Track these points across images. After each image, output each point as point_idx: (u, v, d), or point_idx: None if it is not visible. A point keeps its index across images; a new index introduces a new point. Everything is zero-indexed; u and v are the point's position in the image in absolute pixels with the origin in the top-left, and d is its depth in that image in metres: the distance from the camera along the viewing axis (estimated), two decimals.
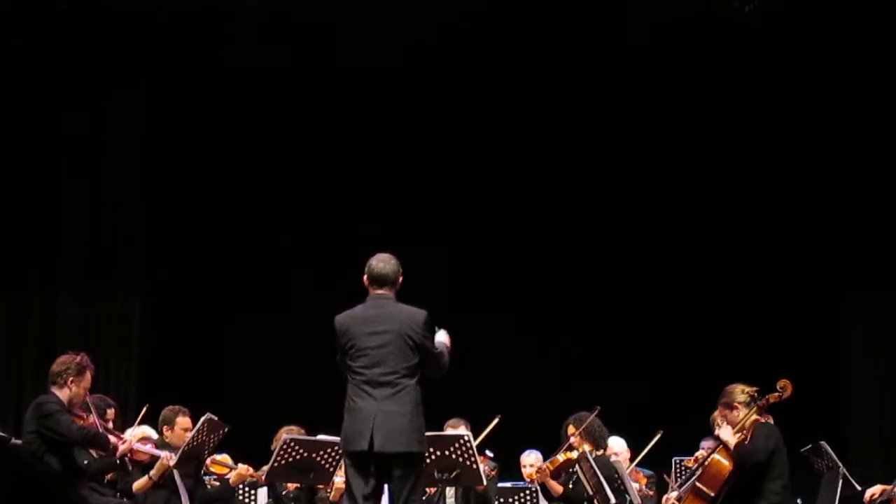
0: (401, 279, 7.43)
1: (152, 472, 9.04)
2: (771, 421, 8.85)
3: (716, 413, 9.22)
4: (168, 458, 9.01)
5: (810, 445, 10.00)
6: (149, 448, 9.07)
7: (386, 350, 7.20)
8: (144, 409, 9.82)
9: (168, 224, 12.94)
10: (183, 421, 9.43)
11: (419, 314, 7.31)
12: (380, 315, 7.29)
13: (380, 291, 7.39)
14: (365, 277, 7.41)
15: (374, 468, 7.18)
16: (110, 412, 9.20)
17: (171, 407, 9.56)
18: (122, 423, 9.63)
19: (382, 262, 7.39)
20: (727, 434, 8.59)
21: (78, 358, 8.36)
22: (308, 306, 12.06)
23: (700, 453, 9.22)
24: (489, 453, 9.99)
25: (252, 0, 12.09)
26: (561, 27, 12.59)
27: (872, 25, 12.30)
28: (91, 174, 12.65)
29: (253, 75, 12.74)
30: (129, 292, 12.63)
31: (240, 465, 9.66)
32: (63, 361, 8.35)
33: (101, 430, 8.46)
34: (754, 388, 8.69)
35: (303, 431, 9.67)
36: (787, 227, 12.91)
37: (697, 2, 12.00)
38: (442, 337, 7.52)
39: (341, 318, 7.36)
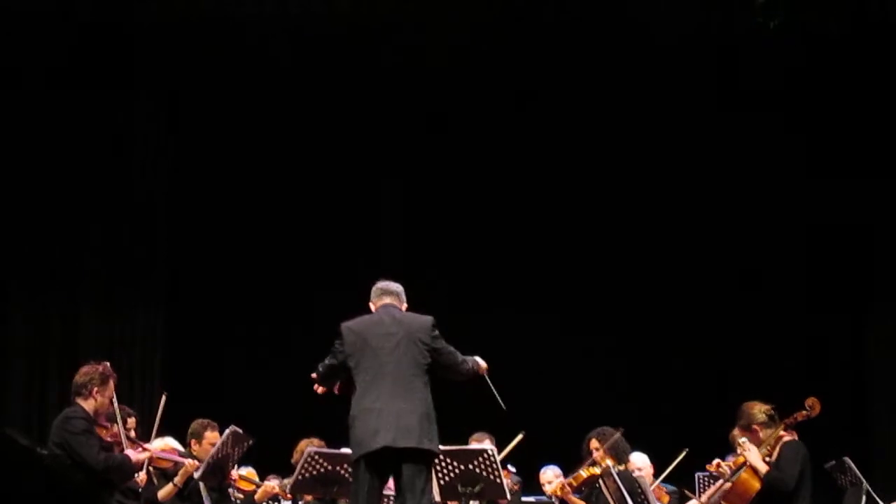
0: (405, 305, 7.55)
1: (176, 479, 9.07)
2: (795, 437, 8.79)
3: (735, 431, 9.17)
4: (191, 464, 9.03)
5: (834, 461, 9.96)
6: (172, 455, 9.09)
7: (398, 351, 7.31)
8: (163, 398, 9.59)
9: (190, 238, 12.97)
10: (211, 435, 9.44)
11: (427, 318, 7.48)
12: (390, 319, 7.44)
13: (387, 300, 7.51)
14: (371, 303, 7.62)
15: (382, 471, 7.20)
16: (131, 421, 9.19)
17: (199, 420, 9.57)
18: (144, 432, 9.62)
19: (387, 282, 7.66)
20: (756, 459, 8.49)
21: (101, 368, 8.34)
22: (330, 320, 12.07)
23: (720, 463, 9.11)
24: (511, 468, 9.98)
25: (273, 10, 12.10)
26: (584, 41, 12.61)
27: None
28: (113, 188, 12.68)
29: (278, 93, 12.82)
30: (151, 306, 12.65)
31: (266, 481, 9.66)
32: (86, 372, 8.33)
33: (123, 445, 8.42)
34: (770, 407, 8.55)
35: (323, 444, 9.67)
36: (807, 247, 12.90)
37: (721, 18, 11.98)
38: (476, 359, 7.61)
39: (350, 322, 7.51)
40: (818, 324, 12.81)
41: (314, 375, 7.66)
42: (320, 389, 7.68)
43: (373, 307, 7.64)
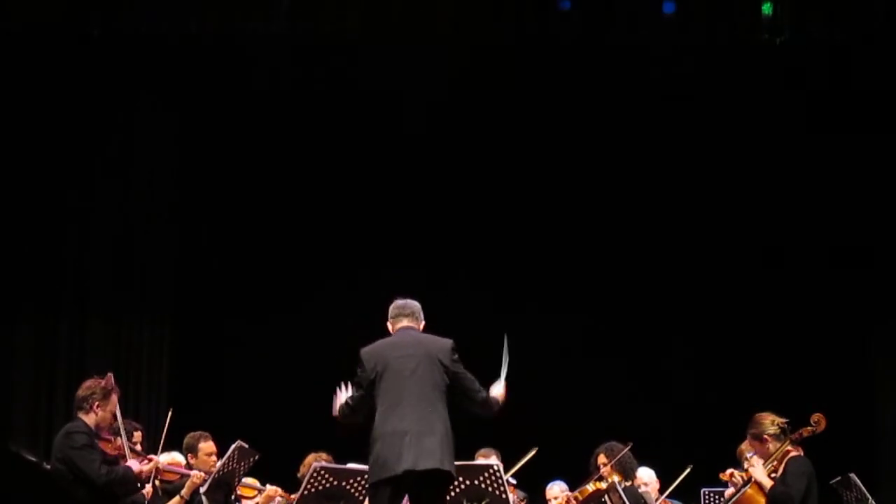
0: (422, 323, 7.53)
1: (183, 491, 9.07)
2: (801, 453, 8.79)
3: (743, 445, 9.16)
4: (198, 476, 9.03)
5: (839, 477, 9.93)
6: (178, 468, 9.09)
7: (417, 373, 7.30)
8: (170, 412, 9.51)
9: (198, 247, 13.00)
10: (206, 446, 9.45)
11: (446, 341, 7.47)
12: (409, 341, 7.43)
13: (405, 322, 7.50)
14: (389, 322, 7.60)
15: (400, 492, 7.20)
16: (137, 435, 9.18)
17: (192, 434, 9.57)
18: (151, 446, 9.63)
19: (403, 300, 7.64)
20: (761, 475, 8.50)
21: (103, 382, 8.35)
22: (339, 332, 12.10)
23: (734, 472, 9.09)
24: (512, 480, 9.96)
25: (281, 24, 12.11)
26: (589, 58, 12.64)
27: None
28: (120, 197, 12.72)
29: (283, 98, 12.86)
30: (158, 316, 12.67)
31: (268, 485, 9.65)
32: (88, 386, 8.34)
33: (127, 458, 8.40)
34: (784, 420, 8.58)
35: (331, 458, 9.66)
36: (814, 261, 12.90)
37: (727, 33, 11.99)
38: (498, 389, 7.60)
39: (369, 348, 7.47)
40: (824, 339, 12.79)
41: (336, 414, 7.62)
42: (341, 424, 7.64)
43: (390, 327, 7.64)
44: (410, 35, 12.18)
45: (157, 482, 8.87)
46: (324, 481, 8.72)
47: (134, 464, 8.36)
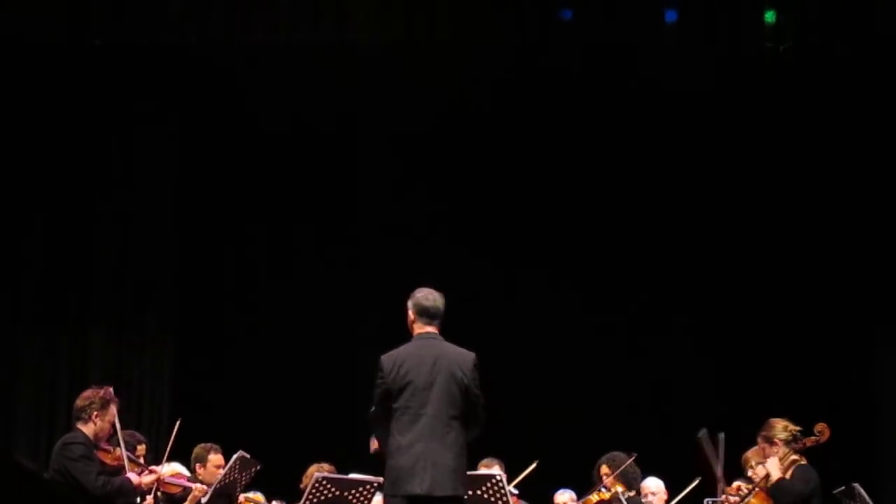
0: (442, 309, 7.41)
1: None
2: (804, 462, 8.79)
3: (748, 453, 9.15)
4: (200, 489, 9.00)
5: (843, 487, 9.89)
6: (180, 480, 9.06)
7: (437, 389, 7.15)
8: (177, 423, 9.35)
9: (200, 258, 12.99)
10: (215, 458, 9.42)
11: (469, 356, 7.29)
12: (432, 353, 7.24)
13: (429, 328, 7.33)
14: (410, 312, 7.35)
15: None
16: (141, 448, 9.16)
17: (202, 444, 9.54)
18: (153, 457, 9.60)
19: (432, 297, 7.35)
20: (774, 467, 8.50)
21: (101, 392, 8.33)
22: (344, 343, 12.13)
23: (741, 486, 9.08)
24: (515, 491, 9.91)
25: (282, 41, 12.11)
26: (590, 66, 12.64)
27: None
28: (123, 208, 12.72)
29: (284, 108, 12.85)
30: (161, 327, 12.66)
31: (273, 502, 9.64)
32: (87, 396, 8.32)
33: (127, 469, 8.36)
34: (797, 428, 8.62)
35: (333, 469, 9.63)
36: (817, 272, 12.87)
37: (730, 42, 11.99)
38: None
39: (390, 354, 7.27)
40: (829, 350, 12.76)
41: (378, 447, 7.46)
42: (376, 444, 7.51)
43: (411, 326, 7.39)
44: (410, 41, 12.18)
45: (158, 493, 8.83)
46: (326, 492, 8.69)
47: (133, 475, 8.32)
